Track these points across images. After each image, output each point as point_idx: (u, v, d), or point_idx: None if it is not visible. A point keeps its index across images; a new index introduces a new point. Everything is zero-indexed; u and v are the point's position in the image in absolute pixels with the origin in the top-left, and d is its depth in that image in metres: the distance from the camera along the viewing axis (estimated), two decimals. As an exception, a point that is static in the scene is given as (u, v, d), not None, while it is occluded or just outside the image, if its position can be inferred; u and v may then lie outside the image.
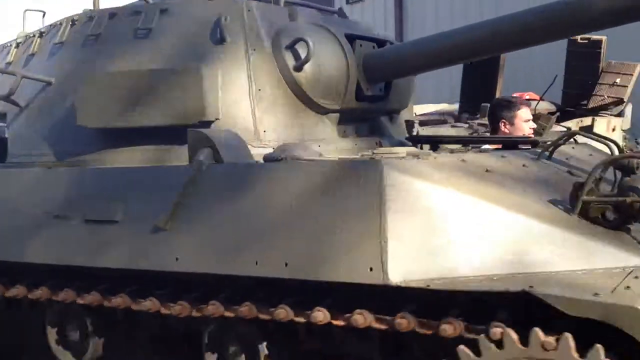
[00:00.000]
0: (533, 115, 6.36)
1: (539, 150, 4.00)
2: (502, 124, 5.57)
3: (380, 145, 4.66)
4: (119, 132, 4.28)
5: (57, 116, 4.59)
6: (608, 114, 12.10)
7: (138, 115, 4.18)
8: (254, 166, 3.63)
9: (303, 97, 4.40)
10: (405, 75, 4.74)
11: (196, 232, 3.55)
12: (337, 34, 4.49)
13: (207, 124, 4.16)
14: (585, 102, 12.10)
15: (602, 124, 11.13)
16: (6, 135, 5.01)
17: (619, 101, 12.20)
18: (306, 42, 4.24)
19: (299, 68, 4.33)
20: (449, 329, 2.94)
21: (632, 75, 12.34)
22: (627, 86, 12.24)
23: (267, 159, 3.61)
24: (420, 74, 5.28)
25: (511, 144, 4.58)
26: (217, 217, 3.52)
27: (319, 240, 3.21)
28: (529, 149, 4.36)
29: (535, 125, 5.76)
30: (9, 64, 5.19)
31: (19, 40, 5.30)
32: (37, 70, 4.78)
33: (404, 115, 5.26)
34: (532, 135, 5.44)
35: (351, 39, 4.57)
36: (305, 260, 3.22)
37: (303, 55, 4.31)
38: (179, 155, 4.21)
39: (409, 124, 5.16)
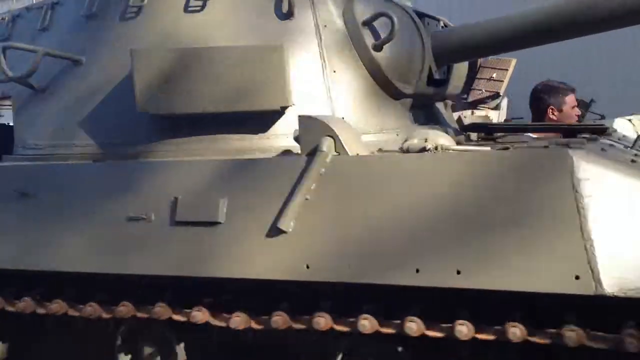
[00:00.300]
0: None
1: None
2: (550, 110, 5.17)
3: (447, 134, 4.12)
4: (187, 119, 3.52)
5: (98, 101, 3.72)
6: (486, 107, 12.31)
7: (213, 100, 3.42)
8: (398, 158, 2.96)
9: (381, 80, 3.78)
10: (475, 58, 4.23)
11: (328, 235, 2.89)
12: (408, 10, 3.91)
13: (284, 110, 3.50)
14: (465, 95, 12.14)
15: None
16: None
17: (496, 95, 12.41)
18: (390, 18, 3.63)
19: (379, 47, 3.72)
20: None
21: (507, 70, 12.62)
22: (503, 81, 12.52)
23: (409, 149, 2.99)
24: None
25: (573, 132, 4.15)
26: (352, 216, 2.87)
27: (499, 244, 2.64)
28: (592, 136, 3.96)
29: (579, 112, 5.37)
30: (6, 40, 4.25)
31: (14, 13, 4.36)
32: (52, 46, 3.88)
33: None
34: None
35: (420, 16, 4.00)
36: (482, 266, 2.65)
37: (383, 33, 3.71)
38: (256, 146, 3.53)
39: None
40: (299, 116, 3.12)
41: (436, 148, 2.93)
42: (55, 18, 4.06)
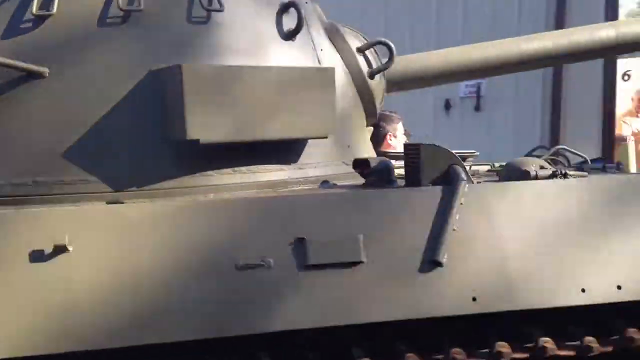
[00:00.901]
0: None
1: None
2: (389, 136, 5.13)
3: None
4: (219, 149, 2.78)
5: (91, 126, 2.68)
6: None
7: (264, 126, 2.79)
8: (543, 185, 2.74)
9: (370, 108, 3.45)
10: (414, 88, 4.00)
11: (486, 264, 2.56)
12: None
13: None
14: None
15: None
16: None
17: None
18: (388, 45, 3.33)
19: (374, 75, 3.37)
20: None
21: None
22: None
23: (539, 175, 2.78)
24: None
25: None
26: (504, 242, 2.59)
27: None
28: None
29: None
30: None
31: None
32: None
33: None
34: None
35: None
36: None
37: (375, 61, 3.42)
38: (290, 177, 2.98)
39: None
40: (423, 145, 2.68)
41: (564, 175, 2.80)
42: None
